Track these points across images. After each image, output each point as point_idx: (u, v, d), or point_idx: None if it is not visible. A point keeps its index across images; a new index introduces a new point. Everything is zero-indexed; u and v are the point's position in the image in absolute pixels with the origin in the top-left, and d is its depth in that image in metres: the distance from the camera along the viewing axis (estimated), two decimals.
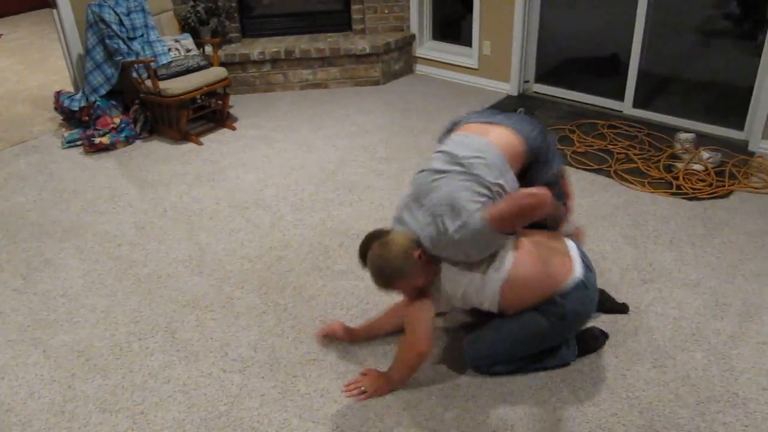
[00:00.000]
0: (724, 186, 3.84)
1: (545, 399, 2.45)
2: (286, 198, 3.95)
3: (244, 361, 2.72)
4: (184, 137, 4.75)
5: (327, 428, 2.38)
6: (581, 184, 3.95)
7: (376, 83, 5.71)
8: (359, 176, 4.17)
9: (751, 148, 4.29)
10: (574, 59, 5.36)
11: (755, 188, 3.85)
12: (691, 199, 3.76)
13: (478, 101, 5.25)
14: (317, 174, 4.23)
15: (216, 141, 4.77)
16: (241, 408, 2.49)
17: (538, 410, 2.41)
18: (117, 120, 4.70)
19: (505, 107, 5.05)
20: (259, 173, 4.26)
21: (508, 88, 5.42)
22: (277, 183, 4.13)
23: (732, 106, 4.49)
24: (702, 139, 4.31)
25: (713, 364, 2.59)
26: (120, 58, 4.59)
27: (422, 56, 5.92)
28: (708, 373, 2.54)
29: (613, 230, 3.50)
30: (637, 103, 4.85)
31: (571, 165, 4.15)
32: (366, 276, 3.20)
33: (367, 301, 3.03)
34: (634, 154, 4.24)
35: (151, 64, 4.49)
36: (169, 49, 4.81)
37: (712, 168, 3.98)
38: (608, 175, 4.03)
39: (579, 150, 4.34)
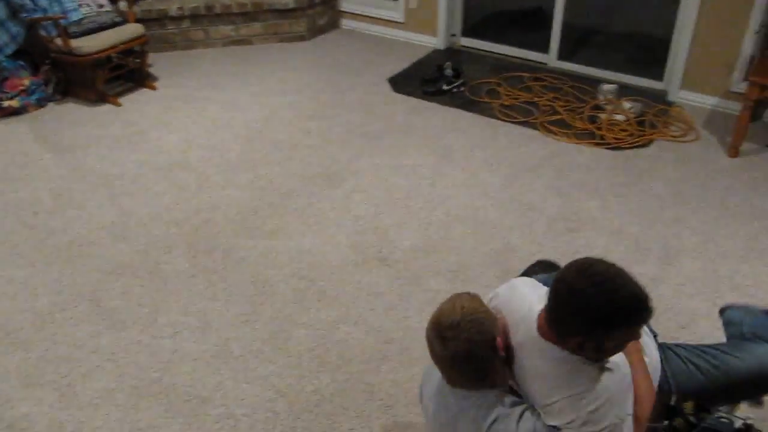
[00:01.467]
0: (645, 135, 3.96)
1: None
2: (211, 159, 3.84)
3: (175, 326, 2.66)
4: (101, 98, 4.53)
5: (262, 388, 2.37)
6: (509, 137, 4.00)
7: (302, 39, 5.57)
8: (286, 134, 4.09)
9: (670, 98, 4.42)
10: (500, 12, 5.38)
11: (674, 137, 3.98)
12: (613, 148, 3.85)
13: (405, 56, 5.20)
14: (243, 133, 4.12)
15: (136, 101, 4.57)
16: (173, 373, 2.44)
17: None
18: (26, 82, 4.43)
19: (431, 61, 5.02)
20: (182, 134, 4.12)
21: (435, 41, 5.39)
22: (202, 144, 4.01)
23: (652, 57, 4.60)
24: (624, 90, 4.42)
25: None
26: (25, 14, 4.30)
27: (348, 11, 5.81)
28: None
29: (540, 181, 3.56)
30: (562, 56, 4.91)
31: (498, 119, 4.19)
32: (297, 235, 3.16)
33: (299, 260, 3.00)
34: (560, 106, 4.30)
35: (61, 20, 4.24)
36: (80, 5, 4.53)
37: (634, 118, 4.08)
38: (534, 127, 4.08)
39: (506, 103, 4.37)
